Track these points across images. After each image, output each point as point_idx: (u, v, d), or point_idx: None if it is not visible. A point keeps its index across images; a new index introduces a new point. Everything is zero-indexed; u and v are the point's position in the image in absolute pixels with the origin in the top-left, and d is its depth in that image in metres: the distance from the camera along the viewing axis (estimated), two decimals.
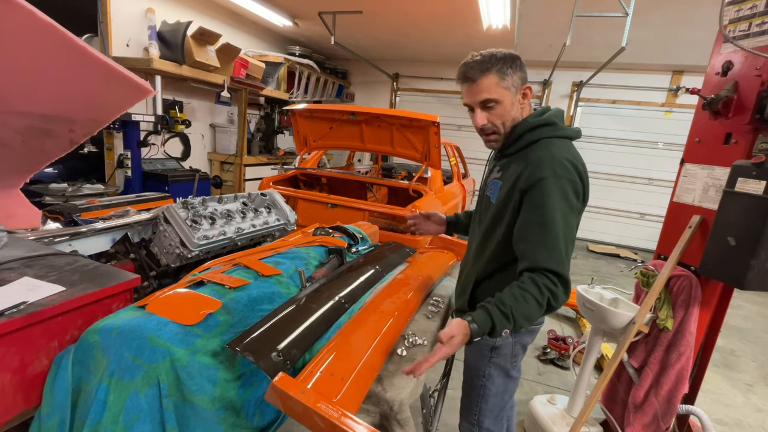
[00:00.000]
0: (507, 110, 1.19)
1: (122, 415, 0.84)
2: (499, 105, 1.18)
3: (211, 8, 5.02)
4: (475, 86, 1.17)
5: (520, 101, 1.22)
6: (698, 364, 1.85)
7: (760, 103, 1.50)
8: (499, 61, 1.15)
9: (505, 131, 1.23)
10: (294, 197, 3.35)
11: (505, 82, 1.16)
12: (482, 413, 1.41)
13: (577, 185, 1.13)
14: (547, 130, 1.19)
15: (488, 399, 1.39)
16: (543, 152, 1.15)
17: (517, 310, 1.05)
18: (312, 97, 6.78)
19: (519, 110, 1.22)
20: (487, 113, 1.20)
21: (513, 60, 1.17)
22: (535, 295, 1.06)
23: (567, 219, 1.10)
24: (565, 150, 1.16)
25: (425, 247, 2.25)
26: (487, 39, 5.30)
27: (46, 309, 0.89)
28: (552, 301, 1.08)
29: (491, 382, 1.37)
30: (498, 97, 1.17)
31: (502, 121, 1.21)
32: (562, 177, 1.10)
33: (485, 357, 1.35)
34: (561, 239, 1.09)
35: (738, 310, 4.55)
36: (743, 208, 1.45)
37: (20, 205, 1.65)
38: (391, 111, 3.46)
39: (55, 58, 1.15)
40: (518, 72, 1.18)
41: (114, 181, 3.97)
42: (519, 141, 1.22)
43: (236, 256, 1.42)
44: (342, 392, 0.86)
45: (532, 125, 1.20)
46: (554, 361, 2.96)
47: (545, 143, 1.18)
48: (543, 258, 1.08)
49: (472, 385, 1.41)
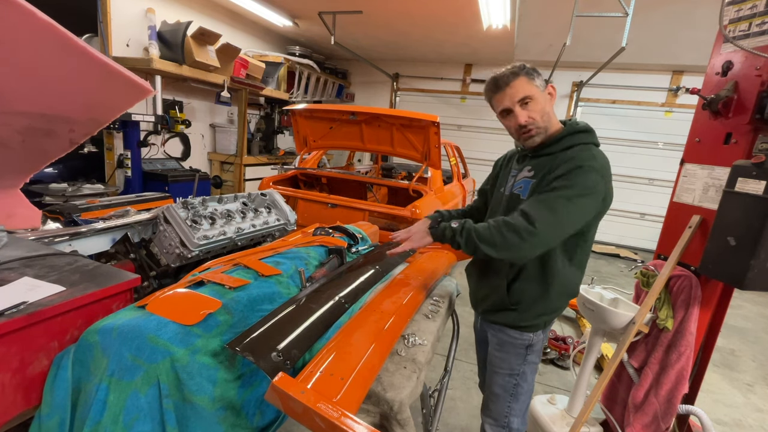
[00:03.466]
0: (542, 105, 1.30)
1: (122, 415, 0.84)
2: (534, 101, 1.28)
3: (211, 8, 5.02)
4: (509, 89, 1.28)
5: (549, 99, 1.32)
6: (698, 364, 1.85)
7: (760, 103, 1.50)
8: (523, 67, 1.29)
9: (544, 125, 1.32)
10: (294, 197, 3.35)
11: (535, 82, 1.29)
12: (513, 413, 1.42)
13: (606, 183, 1.23)
14: (585, 136, 1.31)
15: (519, 398, 1.42)
16: (583, 153, 1.26)
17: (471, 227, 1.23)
18: (312, 97, 6.78)
19: (550, 105, 1.32)
20: (526, 110, 1.29)
21: (533, 68, 1.32)
22: (491, 222, 1.21)
23: (579, 200, 1.18)
24: (602, 157, 1.28)
25: (425, 247, 2.25)
26: (487, 39, 5.31)
27: (46, 309, 0.89)
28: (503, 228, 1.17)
29: (524, 380, 1.39)
30: (532, 93, 1.28)
31: (540, 115, 1.30)
32: (594, 169, 1.21)
33: (520, 355, 1.38)
34: (561, 208, 1.17)
35: (738, 310, 4.55)
36: (743, 208, 1.45)
37: (20, 205, 1.65)
38: (391, 111, 3.46)
39: (55, 58, 1.15)
40: (540, 75, 1.32)
41: (114, 181, 3.98)
42: (559, 143, 1.31)
43: (236, 256, 1.42)
44: (342, 392, 0.86)
45: (575, 130, 1.31)
46: (554, 361, 2.96)
47: (585, 147, 1.29)
48: (531, 208, 1.19)
49: (504, 385, 1.42)
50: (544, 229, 1.15)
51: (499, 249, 1.18)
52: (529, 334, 1.37)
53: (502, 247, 1.17)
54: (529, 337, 1.37)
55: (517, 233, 1.16)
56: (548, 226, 1.16)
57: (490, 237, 1.18)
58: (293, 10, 5.10)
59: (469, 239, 1.21)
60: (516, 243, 1.15)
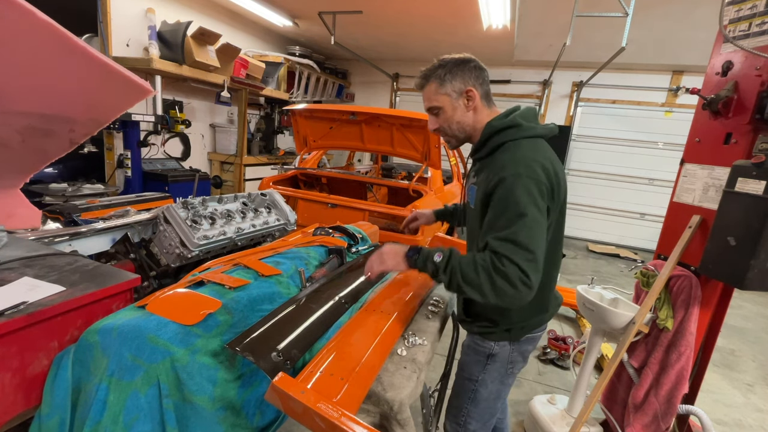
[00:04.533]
0: (448, 115, 1.22)
1: (122, 415, 0.84)
2: (441, 110, 1.22)
3: (211, 8, 5.02)
4: (423, 94, 1.24)
5: (465, 104, 1.21)
6: (698, 364, 1.85)
7: (760, 103, 1.50)
8: (438, 68, 1.20)
9: (452, 133, 1.26)
10: (294, 197, 3.35)
11: (444, 89, 1.19)
12: (470, 415, 1.39)
13: (542, 184, 1.09)
14: (512, 132, 1.18)
15: (478, 403, 1.37)
16: (506, 155, 1.15)
17: (455, 263, 1.08)
18: (312, 97, 6.78)
19: (464, 113, 1.22)
20: (435, 118, 1.25)
21: (455, 64, 1.19)
22: (479, 262, 1.04)
23: (530, 215, 1.05)
24: (530, 150, 1.15)
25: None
26: (487, 39, 5.31)
27: (46, 309, 0.89)
28: (495, 278, 1.01)
29: (483, 387, 1.35)
30: (438, 103, 1.21)
31: (447, 125, 1.24)
32: (522, 176, 1.08)
33: (480, 363, 1.33)
34: (520, 231, 1.03)
35: (738, 310, 4.55)
36: (743, 208, 1.45)
37: (20, 205, 1.65)
38: (391, 111, 3.45)
39: (55, 58, 1.15)
40: (458, 76, 1.19)
41: (114, 181, 3.98)
42: (486, 145, 1.22)
43: (236, 256, 1.42)
44: (342, 392, 0.86)
45: (496, 128, 1.20)
46: (554, 361, 2.96)
47: (510, 146, 1.17)
48: (497, 245, 1.05)
49: (464, 387, 1.39)
50: (509, 253, 1.02)
51: (488, 296, 1.04)
52: (491, 343, 1.30)
53: (491, 295, 1.03)
54: (490, 346, 1.30)
55: (489, 266, 1.03)
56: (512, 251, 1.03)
57: (477, 281, 1.04)
58: (293, 10, 5.10)
59: (453, 279, 1.07)
60: (496, 282, 1.02)
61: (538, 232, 1.05)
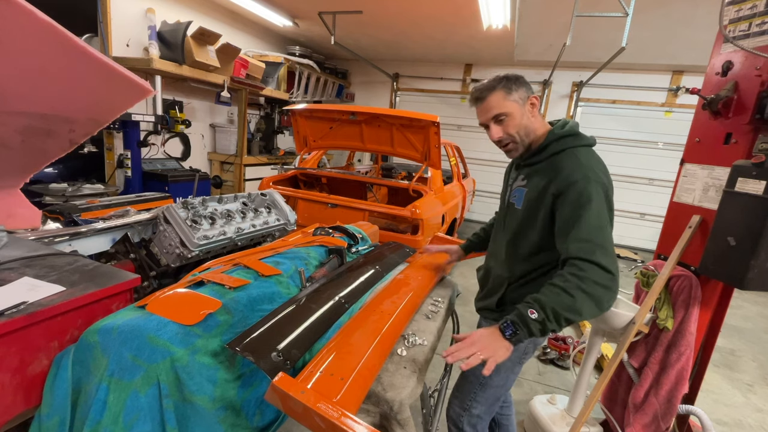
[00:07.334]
0: (517, 121, 1.28)
1: (122, 415, 0.84)
2: (509, 117, 1.27)
3: (211, 8, 5.03)
4: (485, 104, 1.28)
5: (530, 111, 1.30)
6: (698, 364, 1.85)
7: (760, 103, 1.50)
8: (503, 80, 1.27)
9: (521, 139, 1.30)
10: (294, 197, 3.35)
11: (512, 96, 1.26)
12: (477, 400, 1.44)
13: (606, 187, 1.19)
14: (571, 140, 1.27)
15: (487, 389, 1.43)
16: (571, 160, 1.23)
17: (547, 304, 1.06)
18: (312, 97, 6.78)
19: (529, 119, 1.30)
20: (501, 126, 1.29)
21: (516, 78, 1.28)
22: (561, 285, 1.07)
23: (601, 215, 1.14)
24: (590, 157, 1.24)
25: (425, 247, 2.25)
26: (487, 39, 5.31)
27: (46, 309, 0.89)
28: (583, 286, 1.05)
29: (496, 374, 1.37)
30: (507, 110, 1.26)
31: (516, 131, 1.29)
32: (591, 180, 1.17)
33: None
34: (594, 231, 1.12)
35: (738, 310, 4.54)
36: (743, 208, 1.45)
37: (20, 205, 1.65)
38: (391, 111, 3.46)
39: (55, 58, 1.15)
40: (523, 86, 1.28)
41: (114, 181, 3.98)
42: (545, 150, 1.30)
43: (236, 256, 1.42)
44: (342, 392, 0.86)
45: (558, 136, 1.28)
46: (554, 361, 2.96)
47: (570, 152, 1.25)
48: (573, 249, 1.12)
49: (475, 372, 1.41)
50: (589, 256, 1.08)
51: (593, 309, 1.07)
52: None
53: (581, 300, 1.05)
54: None
55: (575, 280, 1.07)
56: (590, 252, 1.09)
57: (576, 304, 1.05)
58: (293, 10, 5.10)
59: (560, 319, 1.06)
60: (586, 290, 1.06)
61: (608, 229, 1.15)
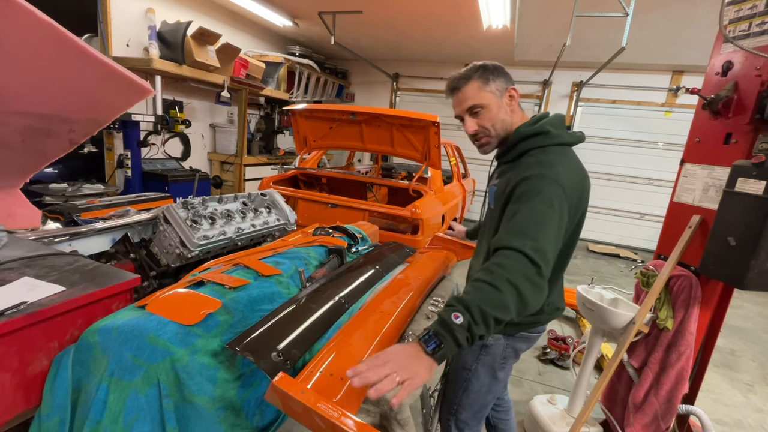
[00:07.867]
0: (494, 113, 1.21)
1: (122, 415, 0.84)
2: (485, 109, 1.21)
3: (211, 8, 5.03)
4: (460, 95, 1.21)
5: (508, 103, 1.23)
6: (698, 364, 1.85)
7: (760, 103, 1.50)
8: (479, 69, 1.19)
9: (496, 134, 1.24)
10: (294, 197, 3.35)
11: (489, 87, 1.19)
12: (461, 405, 1.43)
13: (562, 188, 1.07)
14: (539, 139, 1.19)
15: (470, 394, 1.41)
16: (531, 159, 1.17)
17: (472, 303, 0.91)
18: (312, 97, 6.78)
19: (507, 113, 1.24)
20: (476, 119, 1.23)
21: (495, 67, 1.21)
22: (485, 278, 0.94)
23: (544, 212, 1.02)
24: (556, 157, 1.15)
25: (425, 247, 2.25)
26: (487, 39, 5.31)
27: (46, 309, 0.89)
28: (510, 277, 0.92)
29: (476, 379, 1.38)
30: (482, 101, 1.20)
31: (491, 124, 1.22)
32: (545, 177, 1.07)
33: (474, 352, 1.37)
34: (531, 225, 1.00)
35: (738, 310, 4.54)
36: (743, 208, 1.45)
37: (20, 205, 1.65)
38: (391, 111, 3.46)
39: (55, 58, 1.15)
40: (501, 77, 1.21)
41: (114, 181, 3.98)
42: (513, 150, 1.24)
43: (236, 256, 1.42)
44: (342, 392, 0.86)
45: (524, 135, 1.21)
46: (554, 361, 2.96)
47: (537, 152, 1.18)
48: (504, 239, 1.00)
49: (457, 376, 1.42)
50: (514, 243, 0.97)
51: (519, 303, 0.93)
52: None
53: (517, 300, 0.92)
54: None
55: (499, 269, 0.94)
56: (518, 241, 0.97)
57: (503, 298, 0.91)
58: (293, 10, 5.10)
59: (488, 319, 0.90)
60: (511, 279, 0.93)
61: (549, 227, 1.02)
